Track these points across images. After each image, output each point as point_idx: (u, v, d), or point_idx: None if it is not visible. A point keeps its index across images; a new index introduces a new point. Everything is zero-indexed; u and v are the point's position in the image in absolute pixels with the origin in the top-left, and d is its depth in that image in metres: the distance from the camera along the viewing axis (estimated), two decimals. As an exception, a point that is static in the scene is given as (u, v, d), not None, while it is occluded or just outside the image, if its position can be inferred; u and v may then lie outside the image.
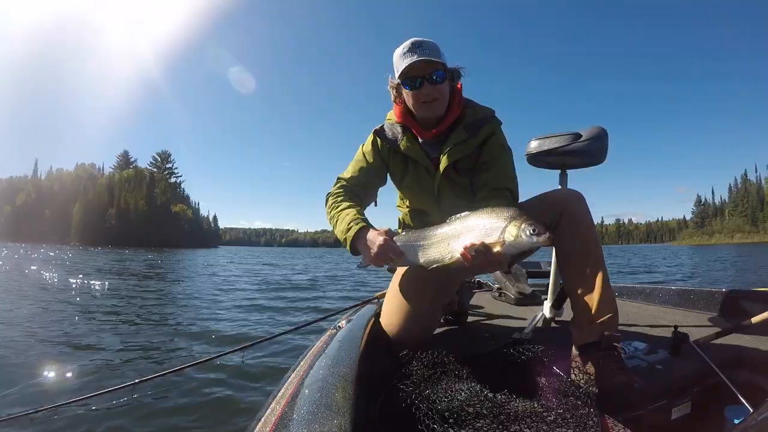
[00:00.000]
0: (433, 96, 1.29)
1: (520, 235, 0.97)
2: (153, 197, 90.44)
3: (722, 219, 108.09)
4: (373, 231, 1.21)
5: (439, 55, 1.28)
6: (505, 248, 0.99)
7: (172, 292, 8.41)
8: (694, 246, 76.35)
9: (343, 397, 0.71)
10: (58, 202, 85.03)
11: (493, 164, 1.34)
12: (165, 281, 10.86)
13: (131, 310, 5.69)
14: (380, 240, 1.16)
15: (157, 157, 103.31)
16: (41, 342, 3.76)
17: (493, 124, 1.37)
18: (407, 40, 1.29)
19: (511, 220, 1.00)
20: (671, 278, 11.41)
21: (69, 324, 4.63)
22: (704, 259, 22.06)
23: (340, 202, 1.37)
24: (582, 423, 0.83)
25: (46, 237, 72.03)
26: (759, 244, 68.33)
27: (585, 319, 1.16)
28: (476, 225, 1.05)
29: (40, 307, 5.63)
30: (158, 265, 17.59)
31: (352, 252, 1.26)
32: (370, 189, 1.48)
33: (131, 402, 2.31)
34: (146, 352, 3.58)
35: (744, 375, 1.22)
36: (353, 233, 1.23)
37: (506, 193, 1.31)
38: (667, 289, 2.20)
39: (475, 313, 2.13)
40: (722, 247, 59.00)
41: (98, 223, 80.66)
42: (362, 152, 1.47)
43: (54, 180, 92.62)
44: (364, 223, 1.25)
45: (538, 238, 0.97)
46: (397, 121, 1.42)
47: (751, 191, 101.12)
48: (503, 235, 0.99)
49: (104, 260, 19.92)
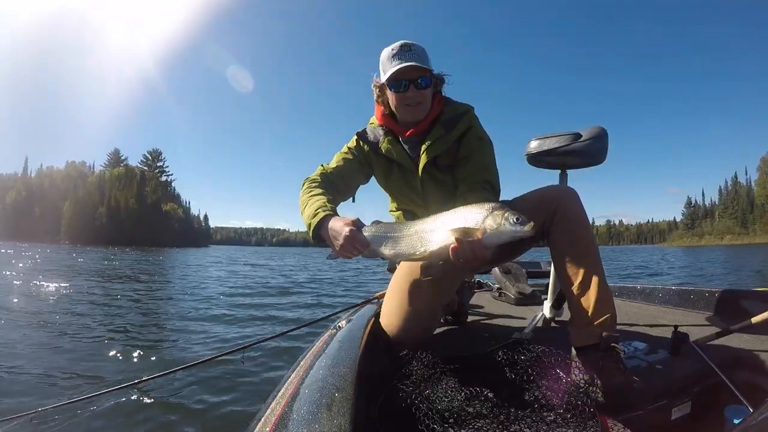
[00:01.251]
0: (417, 100, 1.30)
1: (503, 224, 0.94)
2: (143, 196, 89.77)
3: (712, 221, 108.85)
4: (339, 220, 1.17)
5: (427, 61, 1.30)
6: (487, 237, 0.96)
7: (150, 292, 8.21)
8: (684, 247, 76.67)
9: (343, 397, 0.71)
10: (49, 200, 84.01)
11: (471, 158, 1.35)
12: (140, 281, 10.49)
13: (95, 312, 5.47)
14: (346, 231, 1.12)
15: (147, 155, 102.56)
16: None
17: (468, 118, 1.38)
18: (396, 42, 1.30)
19: (492, 210, 0.98)
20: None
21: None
22: (696, 260, 21.82)
23: (314, 188, 1.35)
24: (582, 423, 0.84)
25: (36, 236, 71.25)
26: (749, 245, 68.64)
27: (582, 320, 1.16)
28: (452, 219, 1.02)
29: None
30: (138, 264, 17.33)
31: (315, 239, 1.21)
32: (351, 182, 1.48)
33: (131, 402, 2.32)
34: (143, 351, 3.58)
35: (744, 375, 1.23)
36: (318, 219, 1.19)
37: (486, 186, 1.31)
38: (667, 289, 2.20)
39: (475, 313, 2.13)
40: (712, 248, 59.20)
41: (88, 222, 79.86)
42: (347, 148, 1.50)
43: (44, 178, 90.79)
44: (331, 211, 1.22)
45: (521, 227, 0.94)
46: (378, 124, 1.44)
47: (741, 193, 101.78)
48: (484, 223, 0.96)
49: (85, 259, 19.49)
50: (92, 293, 7.35)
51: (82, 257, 21.17)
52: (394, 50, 1.28)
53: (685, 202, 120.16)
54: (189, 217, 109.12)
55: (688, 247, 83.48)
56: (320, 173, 1.44)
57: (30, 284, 8.13)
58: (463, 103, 1.43)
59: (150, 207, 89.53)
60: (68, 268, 13.51)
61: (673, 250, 58.93)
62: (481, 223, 0.97)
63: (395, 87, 1.30)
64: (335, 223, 1.17)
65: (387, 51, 1.30)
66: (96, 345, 3.74)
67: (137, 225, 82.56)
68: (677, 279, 11.64)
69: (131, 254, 27.79)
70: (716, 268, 15.60)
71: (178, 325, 4.81)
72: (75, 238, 74.81)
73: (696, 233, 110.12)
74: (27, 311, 5.28)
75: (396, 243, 1.11)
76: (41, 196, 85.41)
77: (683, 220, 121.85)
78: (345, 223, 1.15)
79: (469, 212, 1.01)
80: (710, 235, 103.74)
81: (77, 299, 6.49)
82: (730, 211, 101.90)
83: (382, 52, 1.32)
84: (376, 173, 1.52)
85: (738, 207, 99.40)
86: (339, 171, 1.45)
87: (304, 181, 1.42)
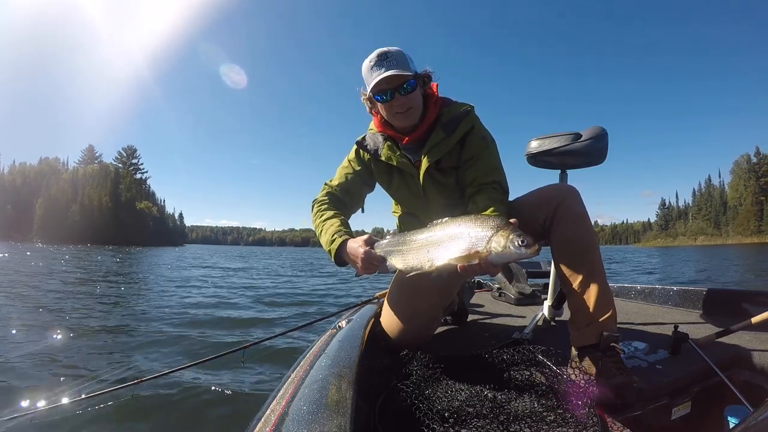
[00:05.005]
0: (406, 106, 1.29)
1: (508, 246, 0.95)
2: (118, 193, 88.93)
3: (686, 222, 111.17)
4: (354, 242, 1.21)
5: (407, 64, 1.27)
6: (492, 258, 0.97)
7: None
8: (658, 248, 77.24)
9: (343, 397, 0.71)
10: (21, 197, 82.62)
11: (477, 159, 1.34)
12: (141, 281, 10.73)
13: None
14: (361, 252, 1.16)
15: (122, 152, 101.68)
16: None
17: (469, 119, 1.36)
18: (373, 52, 1.28)
19: (497, 230, 0.97)
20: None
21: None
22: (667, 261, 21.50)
23: (324, 210, 1.38)
24: (582, 423, 0.84)
25: (8, 234, 70.11)
26: (722, 246, 69.51)
27: (582, 319, 1.16)
28: (458, 234, 1.02)
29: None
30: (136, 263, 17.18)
31: (338, 263, 1.27)
32: (357, 195, 1.49)
33: (131, 402, 2.31)
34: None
35: (744, 375, 1.23)
36: (336, 246, 1.24)
37: (495, 186, 1.31)
38: (667, 289, 2.20)
39: (475, 313, 2.13)
40: (685, 249, 59.56)
41: (61, 220, 78.81)
42: (347, 161, 1.50)
43: (17, 174, 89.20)
44: (346, 235, 1.26)
45: (526, 250, 0.94)
46: (377, 131, 1.44)
47: (714, 195, 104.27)
48: (489, 245, 0.97)
49: (57, 258, 19.15)
50: (74, 292, 7.38)
51: (32, 256, 20.66)
52: (371, 62, 1.26)
53: (660, 203, 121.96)
54: (164, 216, 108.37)
55: (662, 247, 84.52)
56: (326, 193, 1.45)
57: (29, 284, 8.13)
58: (463, 103, 1.41)
59: (124, 205, 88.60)
60: (47, 267, 13.42)
61: (647, 250, 59.07)
62: (486, 244, 0.97)
63: (381, 98, 1.30)
64: (351, 245, 1.21)
65: (366, 63, 1.29)
66: (95, 345, 3.74)
67: (111, 223, 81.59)
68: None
69: (107, 253, 26.92)
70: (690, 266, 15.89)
71: (178, 325, 4.81)
72: (47, 236, 73.93)
73: (670, 234, 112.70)
74: (26, 311, 5.29)
75: (405, 257, 1.13)
76: (14, 193, 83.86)
77: (657, 221, 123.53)
78: (359, 244, 1.18)
79: (474, 230, 1.01)
80: (684, 236, 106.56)
81: (62, 299, 6.51)
82: (703, 212, 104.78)
83: (362, 65, 1.31)
84: (378, 180, 1.51)
85: (711, 209, 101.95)
86: (343, 187, 1.46)
87: (313, 204, 1.44)
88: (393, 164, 1.41)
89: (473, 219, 1.03)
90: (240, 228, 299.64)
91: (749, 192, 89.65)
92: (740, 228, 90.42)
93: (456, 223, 1.04)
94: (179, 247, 78.09)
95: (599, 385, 0.99)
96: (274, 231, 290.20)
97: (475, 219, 1.03)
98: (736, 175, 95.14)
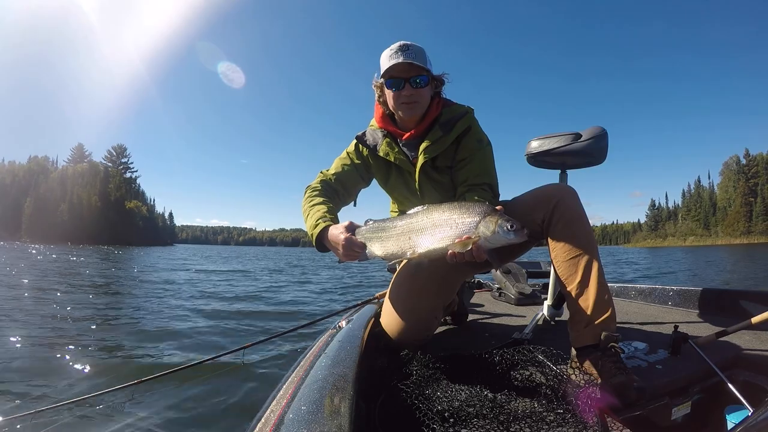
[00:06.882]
0: (413, 98, 1.31)
1: (497, 231, 0.94)
2: (107, 193, 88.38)
3: (675, 222, 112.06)
4: (335, 228, 1.21)
5: (424, 60, 1.30)
6: (481, 243, 0.96)
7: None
8: (648, 248, 77.44)
9: (343, 397, 0.71)
10: (11, 196, 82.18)
11: (471, 160, 1.36)
12: (140, 282, 10.73)
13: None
14: (341, 238, 1.16)
15: (112, 150, 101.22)
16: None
17: (467, 119, 1.38)
18: (396, 43, 1.31)
19: (485, 216, 0.96)
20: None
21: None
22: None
23: (314, 196, 1.39)
24: (582, 423, 0.83)
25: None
26: (711, 246, 69.86)
27: (582, 319, 1.16)
28: (444, 220, 1.00)
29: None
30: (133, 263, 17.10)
31: (318, 248, 1.27)
32: (351, 187, 1.50)
33: (131, 402, 2.31)
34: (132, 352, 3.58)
35: (744, 375, 1.22)
36: (318, 230, 1.24)
37: (485, 188, 1.32)
38: (667, 289, 2.20)
39: (475, 313, 2.13)
40: (675, 249, 59.57)
41: (50, 219, 78.44)
42: (346, 153, 1.51)
43: (6, 173, 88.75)
44: (330, 222, 1.26)
45: (515, 234, 0.94)
46: (378, 126, 1.45)
47: (703, 196, 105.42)
48: (478, 230, 0.96)
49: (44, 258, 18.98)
50: (68, 294, 7.34)
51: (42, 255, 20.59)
52: (392, 50, 1.30)
53: (649, 204, 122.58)
54: (153, 215, 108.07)
55: (651, 247, 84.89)
56: (320, 180, 1.46)
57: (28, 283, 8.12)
58: (463, 105, 1.43)
59: (113, 204, 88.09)
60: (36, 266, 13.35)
61: (637, 250, 59.06)
62: (474, 230, 0.96)
63: (392, 85, 1.32)
64: (332, 231, 1.21)
65: (387, 51, 1.32)
66: (94, 345, 3.73)
67: (100, 223, 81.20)
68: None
69: (95, 254, 26.74)
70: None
71: (177, 325, 4.81)
72: (35, 236, 73.63)
73: (659, 234, 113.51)
74: (24, 311, 5.29)
75: (384, 243, 1.11)
76: (3, 192, 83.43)
77: (647, 221, 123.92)
78: (340, 230, 1.18)
79: (460, 216, 0.98)
80: (673, 236, 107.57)
81: (52, 300, 6.48)
82: (693, 213, 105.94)
83: (383, 53, 1.34)
84: (375, 176, 1.53)
85: (701, 209, 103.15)
86: (338, 177, 1.47)
87: (306, 190, 1.44)
88: (391, 160, 1.42)
89: (458, 205, 1.01)
90: (230, 228, 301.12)
91: (738, 193, 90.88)
92: (729, 229, 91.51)
93: (440, 209, 1.02)
94: (169, 247, 77.64)
95: (599, 385, 1.00)
96: (264, 231, 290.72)
97: (460, 205, 1.01)
98: (725, 176, 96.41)
